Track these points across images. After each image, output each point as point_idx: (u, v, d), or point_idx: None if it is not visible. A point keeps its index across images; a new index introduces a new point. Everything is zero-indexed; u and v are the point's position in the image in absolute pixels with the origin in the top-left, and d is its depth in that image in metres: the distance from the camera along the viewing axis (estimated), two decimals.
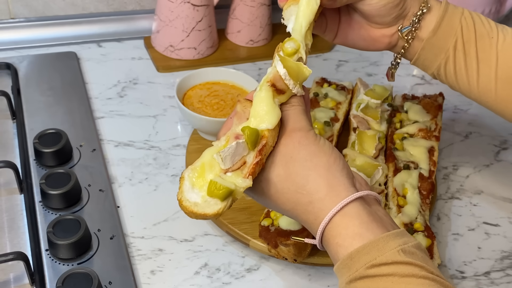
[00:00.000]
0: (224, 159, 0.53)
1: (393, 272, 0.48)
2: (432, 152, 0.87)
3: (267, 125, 0.54)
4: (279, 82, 0.56)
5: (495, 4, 1.15)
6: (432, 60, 0.72)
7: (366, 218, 0.52)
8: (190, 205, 0.53)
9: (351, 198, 0.52)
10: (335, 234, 0.52)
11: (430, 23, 0.71)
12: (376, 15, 0.70)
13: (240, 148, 0.53)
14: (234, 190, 0.53)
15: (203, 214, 0.53)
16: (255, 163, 0.53)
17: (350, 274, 0.50)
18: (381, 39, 0.73)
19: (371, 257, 0.49)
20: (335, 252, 0.52)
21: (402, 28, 0.71)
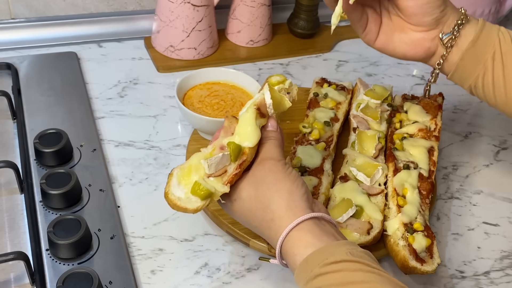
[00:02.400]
0: (210, 166, 0.62)
1: (343, 268, 0.55)
2: (432, 152, 0.87)
3: (248, 143, 0.63)
4: (263, 107, 0.66)
5: (495, 4, 1.15)
6: (470, 71, 0.74)
7: (318, 232, 0.59)
8: (174, 199, 0.62)
9: (306, 217, 0.59)
10: (291, 245, 0.59)
11: (469, 34, 0.73)
12: (418, 13, 0.72)
13: (224, 159, 0.62)
14: (214, 193, 0.62)
15: (184, 208, 0.62)
16: (234, 174, 0.62)
17: (306, 275, 0.56)
18: (421, 42, 0.75)
19: (323, 258, 0.56)
20: (293, 262, 0.58)
21: (443, 34, 0.74)
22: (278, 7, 1.25)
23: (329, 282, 0.54)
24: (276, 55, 1.16)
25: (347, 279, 0.54)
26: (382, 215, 0.77)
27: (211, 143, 0.65)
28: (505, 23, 1.36)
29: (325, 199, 0.78)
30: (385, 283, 0.54)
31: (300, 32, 1.21)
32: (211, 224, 0.80)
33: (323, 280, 0.55)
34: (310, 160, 0.83)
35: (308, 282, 0.56)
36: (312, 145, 0.87)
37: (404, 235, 0.74)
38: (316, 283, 0.55)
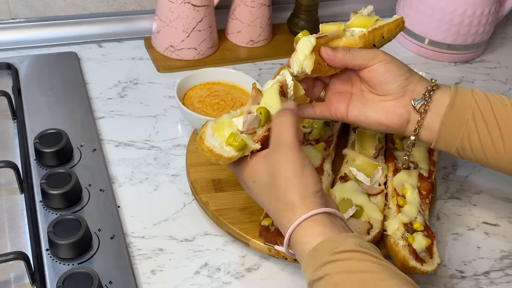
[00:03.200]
0: (244, 123, 0.67)
1: (352, 257, 0.57)
2: (432, 152, 0.87)
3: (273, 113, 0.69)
4: (285, 86, 0.72)
5: (495, 4, 1.15)
6: (454, 134, 0.74)
7: (329, 224, 0.61)
8: (210, 145, 0.65)
9: (319, 210, 0.61)
10: (302, 234, 0.61)
11: (443, 99, 0.74)
12: (382, 81, 0.74)
13: (256, 120, 0.68)
14: (247, 147, 0.66)
15: (219, 154, 0.65)
16: (264, 135, 0.68)
17: (315, 263, 0.58)
18: (392, 109, 0.75)
19: (332, 246, 0.58)
20: (302, 250, 0.60)
21: (414, 101, 0.74)
22: (278, 7, 1.25)
23: (338, 269, 0.56)
24: (276, 55, 1.16)
25: (355, 268, 0.56)
26: (382, 215, 0.77)
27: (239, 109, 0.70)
28: (505, 23, 1.37)
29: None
30: (392, 275, 0.55)
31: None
32: (211, 224, 0.80)
33: (332, 267, 0.56)
34: (312, 158, 0.83)
35: (317, 269, 0.57)
36: (312, 145, 0.87)
37: (404, 235, 0.74)
38: (325, 270, 0.57)
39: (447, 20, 1.14)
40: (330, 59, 0.73)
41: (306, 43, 0.71)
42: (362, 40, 0.75)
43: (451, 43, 1.17)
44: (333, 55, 0.72)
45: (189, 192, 0.84)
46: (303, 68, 0.71)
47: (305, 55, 0.71)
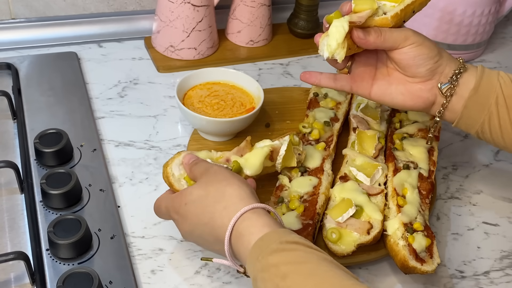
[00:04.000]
0: None
1: (298, 248, 0.58)
2: (432, 152, 0.87)
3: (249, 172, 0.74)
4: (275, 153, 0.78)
5: (495, 4, 1.15)
6: (475, 117, 0.74)
7: (272, 219, 0.62)
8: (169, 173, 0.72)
9: (260, 205, 0.63)
10: (248, 224, 0.61)
11: (469, 82, 0.74)
12: (412, 64, 0.73)
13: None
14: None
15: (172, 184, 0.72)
16: None
17: (261, 252, 0.58)
18: (419, 93, 0.75)
19: (279, 236, 0.59)
20: (248, 241, 0.60)
21: (441, 85, 0.74)
22: (278, 7, 1.25)
23: (286, 259, 0.56)
24: (276, 55, 1.16)
25: (302, 259, 0.57)
26: (382, 215, 0.77)
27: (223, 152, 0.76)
28: (505, 23, 1.37)
29: (325, 199, 0.78)
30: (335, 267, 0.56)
31: (300, 32, 1.21)
32: None
33: (280, 257, 0.57)
34: (310, 160, 0.83)
35: (263, 258, 0.57)
36: (312, 145, 0.87)
37: (404, 235, 0.74)
38: (272, 259, 0.57)
39: (447, 20, 1.14)
40: (362, 42, 0.71)
41: (339, 29, 0.69)
42: (394, 20, 0.72)
43: (451, 43, 1.17)
44: (364, 39, 0.71)
45: None
46: (334, 56, 0.70)
47: (338, 43, 0.69)
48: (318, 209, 0.75)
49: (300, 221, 0.73)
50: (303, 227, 0.72)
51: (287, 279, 0.55)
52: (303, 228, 0.72)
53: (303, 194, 0.78)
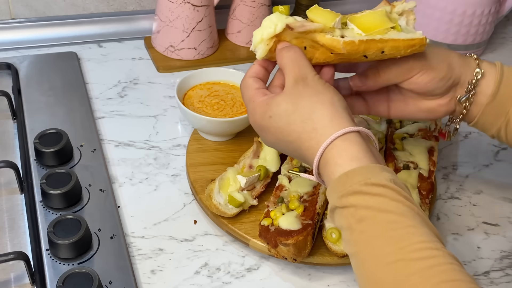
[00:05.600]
0: (246, 182, 0.78)
1: (384, 194, 0.53)
2: (432, 152, 0.87)
3: (273, 169, 0.81)
4: None
5: (495, 4, 1.15)
6: (492, 123, 0.72)
7: (364, 147, 0.57)
8: (216, 203, 0.76)
9: (352, 129, 0.57)
10: (335, 154, 0.57)
11: (487, 88, 0.71)
12: (425, 91, 0.70)
13: (256, 178, 0.79)
14: (245, 203, 0.78)
15: (223, 212, 0.77)
16: (261, 191, 0.80)
17: (343, 189, 0.55)
18: (437, 108, 0.72)
19: (365, 177, 0.54)
20: (332, 172, 0.57)
21: (460, 98, 0.71)
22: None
23: (367, 203, 0.53)
24: None
25: (386, 207, 0.53)
26: None
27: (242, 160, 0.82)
28: (505, 23, 1.37)
29: (325, 199, 0.78)
30: (421, 223, 0.52)
31: None
32: (211, 224, 0.80)
33: (361, 200, 0.53)
34: None
35: (343, 196, 0.54)
36: None
37: None
38: (352, 200, 0.54)
39: (447, 20, 1.14)
40: (363, 89, 0.69)
41: (270, 27, 0.63)
42: (347, 48, 0.63)
43: (451, 43, 1.17)
44: (364, 85, 0.69)
45: (189, 192, 0.84)
46: (255, 50, 0.65)
47: (262, 38, 0.64)
48: (318, 209, 0.75)
49: (300, 221, 0.73)
50: (303, 227, 0.72)
51: (362, 223, 0.53)
52: (303, 228, 0.72)
53: (303, 194, 0.78)
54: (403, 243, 0.51)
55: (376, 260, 0.52)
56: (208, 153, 0.89)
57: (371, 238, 0.53)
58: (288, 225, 0.73)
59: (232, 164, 0.83)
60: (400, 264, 0.50)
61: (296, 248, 0.71)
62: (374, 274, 0.52)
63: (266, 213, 0.76)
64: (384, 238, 0.52)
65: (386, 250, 0.51)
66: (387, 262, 0.51)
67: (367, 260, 0.53)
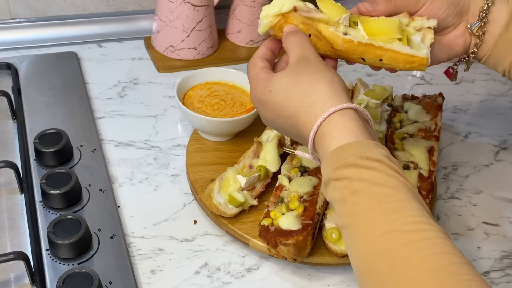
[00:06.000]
0: (246, 182, 0.78)
1: (378, 168, 0.54)
2: (432, 152, 0.87)
3: (273, 169, 0.81)
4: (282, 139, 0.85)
5: None
6: (504, 56, 0.72)
7: (360, 124, 0.58)
8: (216, 203, 0.76)
9: (350, 105, 0.58)
10: (331, 128, 0.57)
11: (500, 18, 0.71)
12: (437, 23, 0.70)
13: (257, 178, 0.80)
14: (245, 203, 0.78)
15: (223, 212, 0.76)
16: (261, 191, 0.80)
17: (338, 161, 0.55)
18: (455, 41, 0.73)
19: (361, 151, 0.55)
20: (328, 145, 0.57)
21: (471, 25, 0.72)
22: None
23: (362, 176, 0.54)
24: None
25: (380, 180, 0.53)
26: None
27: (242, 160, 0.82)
28: None
29: (325, 199, 0.78)
30: (413, 198, 0.53)
31: None
32: (211, 224, 0.80)
33: (356, 172, 0.54)
34: (310, 160, 0.83)
35: (338, 168, 0.55)
36: None
37: None
38: (347, 172, 0.54)
39: None
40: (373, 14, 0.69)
41: (277, 5, 0.66)
42: (345, 46, 0.65)
43: None
44: (374, 10, 0.68)
45: (189, 192, 0.84)
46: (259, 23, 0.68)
47: (267, 14, 0.66)
48: (318, 209, 0.75)
49: (299, 221, 0.73)
50: (303, 227, 0.72)
51: (356, 195, 0.53)
52: (303, 228, 0.72)
53: (302, 194, 0.78)
54: (396, 215, 0.52)
55: (369, 231, 0.52)
56: (208, 153, 0.89)
57: (365, 210, 0.53)
58: (288, 225, 0.73)
59: (232, 164, 0.83)
60: (393, 235, 0.51)
61: (296, 248, 0.71)
62: (367, 245, 0.52)
63: (266, 213, 0.76)
64: (378, 210, 0.52)
65: (379, 221, 0.52)
66: (380, 232, 0.51)
67: (360, 231, 0.53)
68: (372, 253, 0.52)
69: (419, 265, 0.48)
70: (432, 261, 0.48)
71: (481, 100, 1.12)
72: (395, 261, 0.49)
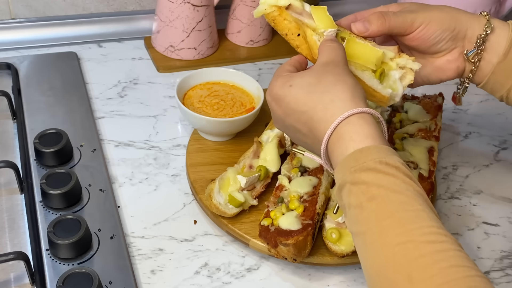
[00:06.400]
0: (246, 182, 0.78)
1: (397, 175, 0.54)
2: (432, 152, 0.87)
3: (273, 169, 0.81)
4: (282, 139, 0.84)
5: (495, 4, 1.15)
6: (503, 83, 0.71)
7: (378, 129, 0.58)
8: (216, 203, 0.76)
9: (370, 110, 0.58)
10: (350, 129, 0.57)
11: (498, 46, 0.70)
12: (429, 45, 0.70)
13: (257, 178, 0.80)
14: (245, 203, 0.78)
15: (223, 211, 0.76)
16: (261, 191, 0.80)
17: (357, 164, 0.55)
18: (447, 65, 0.72)
19: (380, 155, 0.54)
20: (345, 147, 0.56)
21: (467, 52, 0.71)
22: None
23: (380, 182, 0.53)
24: (276, 55, 1.16)
25: (397, 188, 0.53)
26: None
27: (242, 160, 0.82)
28: None
29: (325, 199, 0.78)
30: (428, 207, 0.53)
31: None
32: (211, 224, 0.80)
33: (374, 177, 0.53)
34: (310, 160, 0.83)
35: (356, 172, 0.54)
36: None
37: None
38: (365, 177, 0.54)
39: None
40: (366, 35, 0.69)
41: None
42: None
43: None
44: (365, 28, 0.68)
45: (189, 192, 0.84)
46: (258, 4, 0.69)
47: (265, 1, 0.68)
48: (318, 209, 0.75)
49: (300, 221, 0.73)
50: (303, 227, 0.72)
51: (374, 202, 0.52)
52: (303, 228, 0.72)
53: (303, 194, 0.78)
54: (413, 225, 0.51)
55: (385, 239, 0.52)
56: (208, 153, 0.89)
57: (382, 218, 0.52)
58: (288, 225, 0.73)
59: (232, 164, 0.83)
60: (410, 245, 0.50)
61: (296, 248, 0.71)
62: (383, 254, 0.51)
63: (266, 213, 0.76)
64: (395, 218, 0.52)
65: (396, 230, 0.51)
66: (397, 242, 0.51)
67: (376, 240, 0.52)
68: (387, 263, 0.51)
69: (435, 277, 0.48)
70: (449, 274, 0.48)
71: (481, 100, 1.12)
72: (411, 272, 0.49)
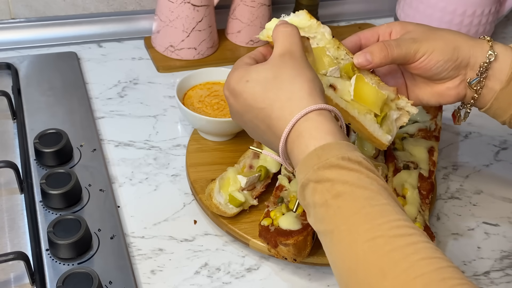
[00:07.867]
0: (246, 182, 0.78)
1: (360, 170, 0.53)
2: (432, 152, 0.87)
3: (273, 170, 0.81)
4: None
5: (495, 4, 1.15)
6: (505, 109, 0.71)
7: (337, 125, 0.57)
8: (216, 203, 0.76)
9: (328, 107, 0.57)
10: (310, 126, 0.56)
11: (500, 73, 0.70)
12: (431, 74, 0.70)
13: (257, 178, 0.79)
14: (245, 203, 0.78)
15: (224, 211, 0.77)
16: (261, 191, 0.80)
17: (319, 162, 0.54)
18: (447, 92, 0.73)
19: (342, 152, 0.54)
20: (305, 145, 0.56)
21: (470, 80, 0.71)
22: (278, 7, 1.25)
23: (345, 178, 0.53)
24: None
25: (362, 183, 0.52)
26: None
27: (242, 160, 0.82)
28: (505, 23, 1.36)
29: None
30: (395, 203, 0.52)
31: None
32: (211, 224, 0.80)
33: (338, 174, 0.53)
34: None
35: (319, 169, 0.53)
36: None
37: None
38: (329, 174, 0.53)
39: (447, 20, 1.14)
40: (369, 68, 0.68)
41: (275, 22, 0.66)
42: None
43: None
44: (367, 62, 0.68)
45: (189, 192, 0.84)
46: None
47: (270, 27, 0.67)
48: None
49: (299, 221, 0.73)
50: (303, 227, 0.72)
51: (339, 199, 0.52)
52: (303, 228, 0.72)
53: None
54: (381, 219, 0.51)
55: (354, 236, 0.51)
56: (208, 153, 0.89)
57: (349, 214, 0.52)
58: (288, 225, 0.73)
59: (232, 164, 0.83)
60: (380, 240, 0.50)
61: (296, 248, 0.71)
62: (352, 251, 0.51)
63: (266, 213, 0.76)
64: (362, 214, 0.51)
65: (364, 226, 0.51)
66: (366, 238, 0.50)
67: (344, 237, 0.52)
68: (358, 260, 0.50)
69: (408, 271, 0.47)
70: (421, 266, 0.47)
71: None
72: (383, 268, 0.48)
